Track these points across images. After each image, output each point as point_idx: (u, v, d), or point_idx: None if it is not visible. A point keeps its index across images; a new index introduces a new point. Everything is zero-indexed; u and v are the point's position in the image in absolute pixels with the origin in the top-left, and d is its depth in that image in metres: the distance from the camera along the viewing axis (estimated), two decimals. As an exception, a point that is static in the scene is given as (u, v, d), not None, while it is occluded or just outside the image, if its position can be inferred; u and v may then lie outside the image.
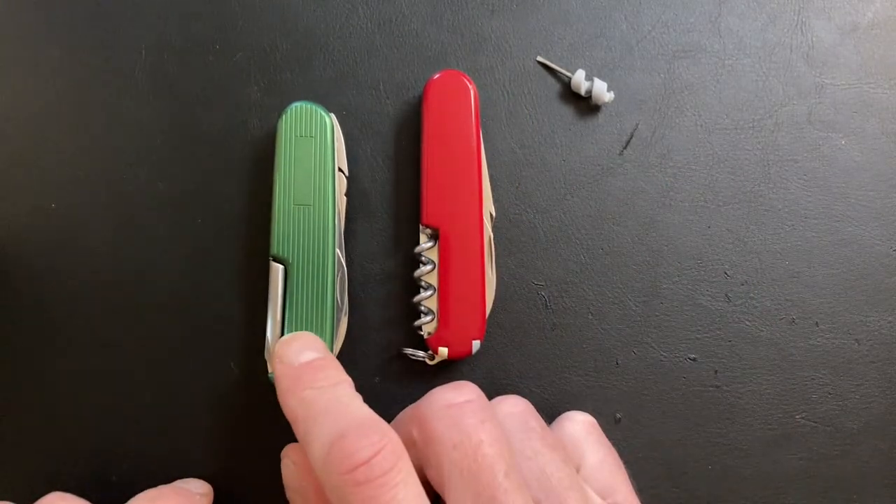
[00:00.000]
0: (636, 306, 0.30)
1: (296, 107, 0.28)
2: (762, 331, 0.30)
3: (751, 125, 0.30)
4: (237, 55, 0.30)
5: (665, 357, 0.30)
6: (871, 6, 0.31)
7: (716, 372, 0.30)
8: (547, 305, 0.29)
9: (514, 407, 0.25)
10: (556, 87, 0.30)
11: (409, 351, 0.28)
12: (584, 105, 0.30)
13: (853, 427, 0.30)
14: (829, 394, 0.30)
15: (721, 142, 0.30)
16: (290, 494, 0.25)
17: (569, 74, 0.30)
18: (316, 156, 0.27)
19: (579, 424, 0.27)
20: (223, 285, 0.29)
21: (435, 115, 0.28)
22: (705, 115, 0.30)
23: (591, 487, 0.25)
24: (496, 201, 0.29)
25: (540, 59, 0.30)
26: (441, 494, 0.22)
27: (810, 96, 0.31)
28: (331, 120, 0.28)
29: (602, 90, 0.29)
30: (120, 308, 0.29)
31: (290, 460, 0.25)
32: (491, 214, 0.28)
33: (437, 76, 0.28)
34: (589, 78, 0.30)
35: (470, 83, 0.28)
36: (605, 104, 0.30)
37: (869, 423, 0.30)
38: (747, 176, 0.30)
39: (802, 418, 0.30)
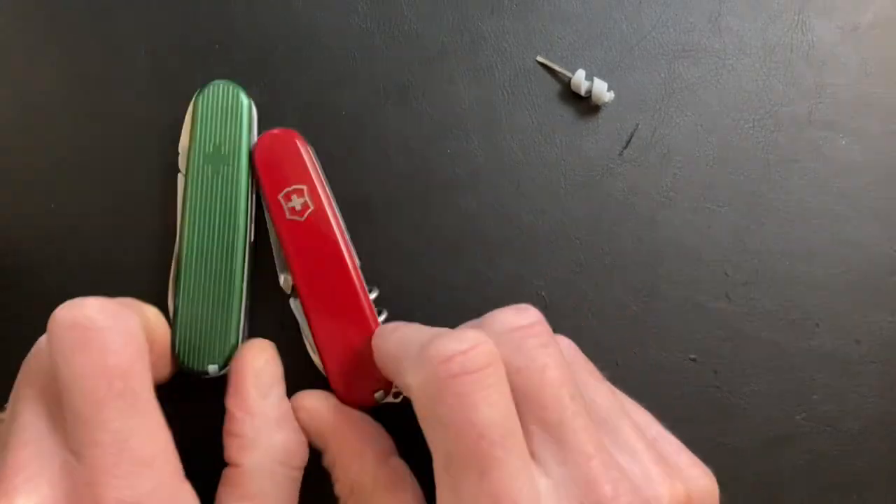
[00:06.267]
0: (636, 306, 0.30)
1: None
2: (762, 331, 0.30)
3: (751, 125, 0.30)
4: (237, 55, 0.30)
5: (665, 357, 0.30)
6: (871, 6, 0.31)
7: (716, 372, 0.30)
8: (547, 305, 0.29)
9: (563, 340, 0.25)
10: (556, 87, 0.30)
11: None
12: (584, 105, 0.30)
13: (853, 427, 0.30)
14: (829, 394, 0.30)
15: (721, 142, 0.30)
16: (312, 439, 0.26)
17: (569, 74, 0.30)
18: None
19: None
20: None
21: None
22: (705, 115, 0.30)
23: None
24: (496, 200, 0.29)
25: (540, 59, 0.30)
26: None
27: (810, 96, 0.31)
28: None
29: (602, 90, 0.29)
30: (120, 308, 0.29)
31: (303, 412, 0.26)
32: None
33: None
34: (589, 78, 0.30)
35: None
36: (605, 104, 0.30)
37: (869, 423, 0.30)
38: (747, 176, 0.30)
39: (802, 418, 0.30)
